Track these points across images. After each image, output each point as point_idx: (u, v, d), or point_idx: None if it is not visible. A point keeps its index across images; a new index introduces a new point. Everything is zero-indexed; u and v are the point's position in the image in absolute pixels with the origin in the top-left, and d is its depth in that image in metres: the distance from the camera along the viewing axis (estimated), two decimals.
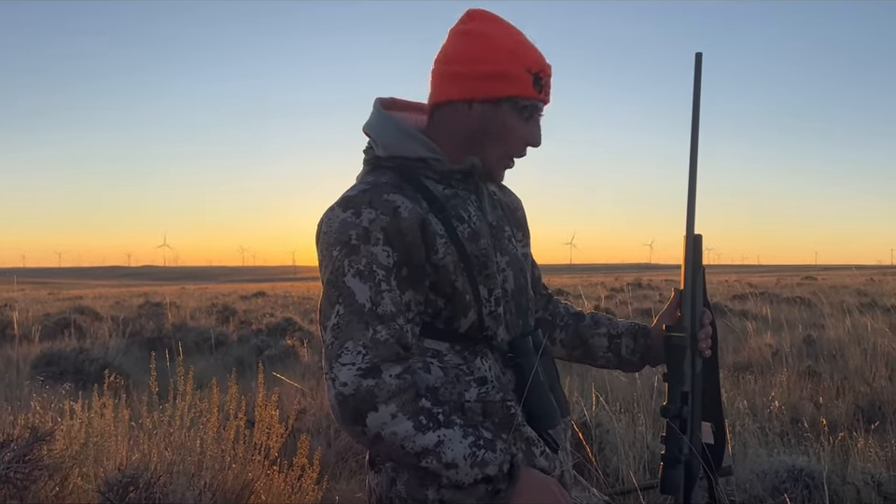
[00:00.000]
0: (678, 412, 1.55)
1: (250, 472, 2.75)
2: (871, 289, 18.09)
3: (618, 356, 1.73)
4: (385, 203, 1.39)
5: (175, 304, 15.88)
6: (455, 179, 1.51)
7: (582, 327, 1.77)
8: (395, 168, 1.48)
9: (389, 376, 1.32)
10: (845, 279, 30.00)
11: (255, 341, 9.05)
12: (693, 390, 1.57)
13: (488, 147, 1.49)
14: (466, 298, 1.44)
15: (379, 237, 1.37)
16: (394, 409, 1.31)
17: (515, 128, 1.48)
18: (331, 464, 3.90)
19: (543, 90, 1.48)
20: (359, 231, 1.36)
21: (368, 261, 1.36)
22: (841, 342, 6.96)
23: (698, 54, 1.59)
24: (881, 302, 11.60)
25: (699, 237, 1.61)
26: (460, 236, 1.45)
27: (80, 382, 6.15)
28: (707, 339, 1.61)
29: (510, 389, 1.50)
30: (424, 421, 1.32)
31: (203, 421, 2.80)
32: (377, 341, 1.33)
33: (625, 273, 73.36)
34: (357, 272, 1.36)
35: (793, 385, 5.30)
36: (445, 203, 1.47)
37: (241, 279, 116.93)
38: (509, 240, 1.59)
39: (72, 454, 2.55)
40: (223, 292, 29.07)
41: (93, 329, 10.48)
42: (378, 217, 1.37)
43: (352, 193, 1.43)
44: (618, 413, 4.08)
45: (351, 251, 1.36)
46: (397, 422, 1.31)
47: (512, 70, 1.45)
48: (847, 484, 3.20)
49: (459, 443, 1.32)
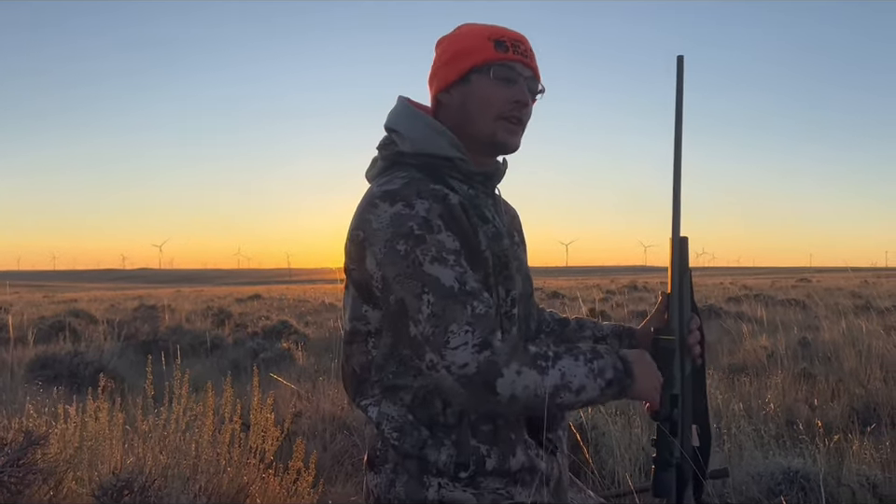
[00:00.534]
0: (668, 415, 1.54)
1: (245, 476, 2.74)
2: (865, 291, 18.12)
3: None
4: (433, 192, 1.39)
5: (170, 307, 15.84)
6: (478, 181, 1.52)
7: (568, 331, 1.77)
8: (419, 166, 1.47)
9: (499, 342, 1.33)
10: (839, 281, 30.07)
11: (250, 344, 9.04)
12: (684, 393, 1.57)
13: (478, 122, 1.49)
14: (491, 294, 1.44)
15: (440, 224, 1.36)
16: (516, 366, 1.32)
17: (493, 93, 1.47)
18: (327, 467, 3.89)
19: (510, 49, 1.48)
20: (419, 221, 1.35)
21: (437, 248, 1.35)
22: (836, 344, 6.97)
23: (679, 57, 1.59)
24: (876, 304, 11.62)
25: (685, 239, 1.60)
26: (482, 235, 1.45)
27: (75, 385, 6.13)
28: (696, 344, 1.60)
29: None
30: (542, 364, 1.34)
31: (198, 424, 2.79)
32: (478, 315, 1.32)
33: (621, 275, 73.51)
34: (434, 258, 1.34)
35: (788, 387, 5.31)
36: (470, 202, 1.46)
37: (236, 282, 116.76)
38: (518, 245, 1.60)
39: (66, 457, 2.54)
40: (218, 295, 29.01)
41: (88, 333, 10.45)
42: (432, 206, 1.37)
43: (393, 187, 1.40)
44: (614, 416, 4.08)
45: (418, 241, 1.34)
46: (524, 377, 1.32)
47: (471, 43, 1.49)
48: (843, 486, 3.21)
49: (578, 367, 1.36)
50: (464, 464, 1.41)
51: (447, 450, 1.41)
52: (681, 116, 1.57)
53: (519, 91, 1.49)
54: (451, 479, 1.40)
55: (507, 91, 1.48)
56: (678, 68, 1.58)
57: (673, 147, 1.58)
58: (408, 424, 1.42)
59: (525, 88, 1.50)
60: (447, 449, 1.41)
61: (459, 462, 1.40)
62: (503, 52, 1.47)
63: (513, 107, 1.49)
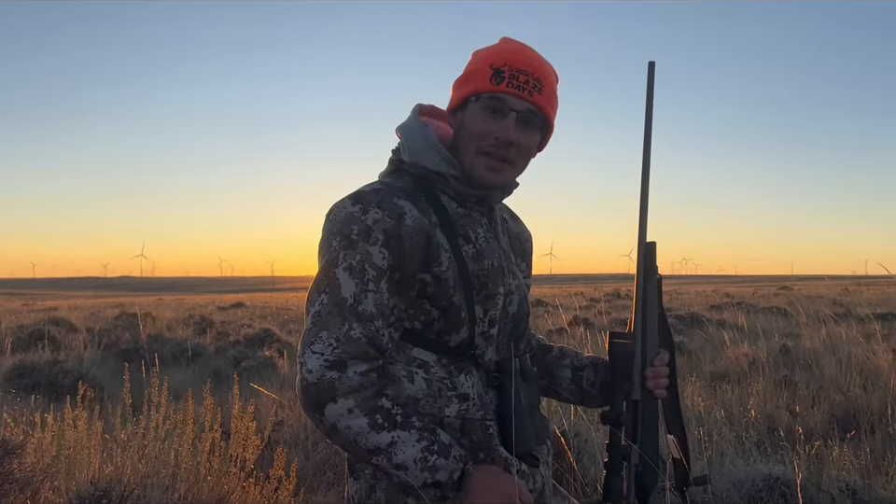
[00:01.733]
0: (616, 419, 1.53)
1: (226, 484, 2.72)
2: (846, 299, 18.28)
3: (580, 388, 1.71)
4: (393, 207, 1.40)
5: (151, 315, 15.70)
6: (471, 200, 1.52)
7: (549, 358, 1.77)
8: (415, 175, 1.50)
9: (354, 372, 1.33)
10: (820, 289, 30.32)
11: (232, 352, 8.98)
12: (644, 399, 1.54)
13: (464, 152, 1.49)
14: (461, 314, 1.45)
15: (379, 237, 1.38)
16: (352, 404, 1.32)
17: (480, 125, 1.46)
18: (309, 476, 3.86)
19: (504, 81, 1.44)
20: (361, 227, 1.38)
21: (362, 258, 1.37)
22: (816, 351, 7.02)
23: (651, 62, 1.60)
24: (855, 312, 11.72)
25: (652, 244, 1.59)
26: (464, 255, 1.46)
27: (54, 394, 6.04)
28: (655, 378, 1.55)
29: (490, 409, 1.49)
30: (380, 420, 1.32)
31: (178, 433, 2.77)
32: (350, 337, 1.34)
33: (605, 283, 73.83)
34: (349, 266, 1.37)
35: (770, 395, 5.34)
36: (455, 220, 1.48)
37: (219, 290, 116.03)
38: (516, 266, 1.61)
39: (43, 467, 2.51)
40: (201, 303, 28.81)
41: (68, 341, 10.33)
42: (383, 219, 1.38)
43: (365, 189, 1.44)
44: (596, 423, 4.09)
45: (349, 245, 1.37)
46: (353, 417, 1.32)
47: (475, 69, 1.48)
48: (822, 492, 3.23)
49: (412, 447, 1.32)
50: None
51: None
52: (651, 120, 1.57)
53: (504, 127, 1.44)
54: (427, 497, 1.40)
55: (491, 125, 1.46)
56: (648, 74, 1.59)
57: (642, 152, 1.58)
58: None
59: (512, 124, 1.44)
60: None
61: None
62: (496, 83, 1.45)
63: (494, 144, 1.45)
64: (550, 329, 10.14)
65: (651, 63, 1.60)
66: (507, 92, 1.44)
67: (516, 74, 1.45)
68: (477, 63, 1.49)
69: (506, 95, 1.45)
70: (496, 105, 1.45)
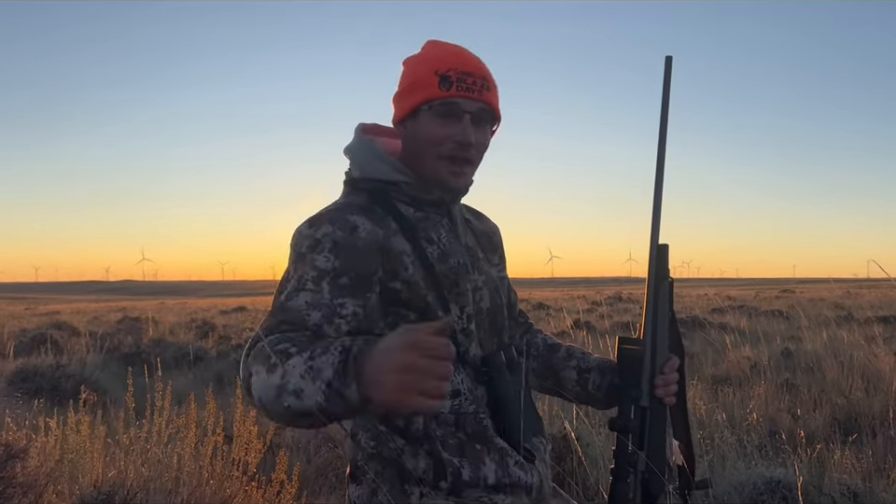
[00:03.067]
0: (624, 425, 1.52)
1: (228, 488, 2.73)
2: (848, 302, 18.28)
3: (585, 390, 1.70)
4: (344, 222, 1.41)
5: (153, 319, 15.72)
6: (427, 204, 1.54)
7: (555, 358, 1.76)
8: (369, 190, 1.52)
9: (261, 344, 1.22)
10: (822, 292, 30.30)
11: (234, 356, 8.97)
12: (653, 405, 1.53)
13: (424, 158, 1.51)
14: (438, 313, 1.47)
15: (326, 246, 1.38)
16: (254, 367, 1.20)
17: (436, 131, 1.48)
18: (311, 480, 3.87)
19: (453, 86, 1.46)
20: (311, 242, 1.39)
21: (308, 268, 1.37)
22: (818, 354, 7.01)
23: (668, 57, 1.58)
24: (857, 315, 11.72)
25: (664, 246, 1.57)
26: (430, 257, 1.49)
27: (57, 398, 6.05)
28: (665, 386, 1.54)
29: (482, 403, 1.51)
30: (273, 360, 1.18)
31: (180, 437, 2.78)
32: (271, 326, 1.27)
33: (607, 286, 73.72)
34: (298, 277, 1.36)
35: (771, 398, 5.34)
36: (416, 225, 1.51)
37: (221, 294, 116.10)
38: (483, 261, 1.63)
39: (46, 471, 2.52)
40: (203, 307, 28.84)
41: (70, 345, 10.34)
42: (333, 232, 1.39)
43: (321, 212, 1.46)
44: (598, 428, 4.09)
45: (298, 260, 1.39)
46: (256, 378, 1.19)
47: (419, 78, 1.49)
48: (824, 496, 3.23)
49: (298, 366, 1.15)
50: (442, 473, 1.42)
51: (424, 459, 1.43)
52: (667, 118, 1.56)
53: (461, 130, 1.48)
54: (431, 487, 1.42)
55: (448, 130, 1.48)
56: (665, 69, 1.57)
57: (657, 149, 1.56)
58: (382, 434, 1.45)
59: (468, 126, 1.48)
60: (423, 458, 1.43)
61: (437, 472, 1.42)
62: (446, 90, 1.47)
63: (454, 147, 1.49)
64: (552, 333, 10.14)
65: (668, 57, 1.58)
66: (458, 97, 1.47)
67: (463, 77, 1.48)
68: (419, 72, 1.49)
69: (457, 99, 1.47)
70: (448, 109, 1.47)
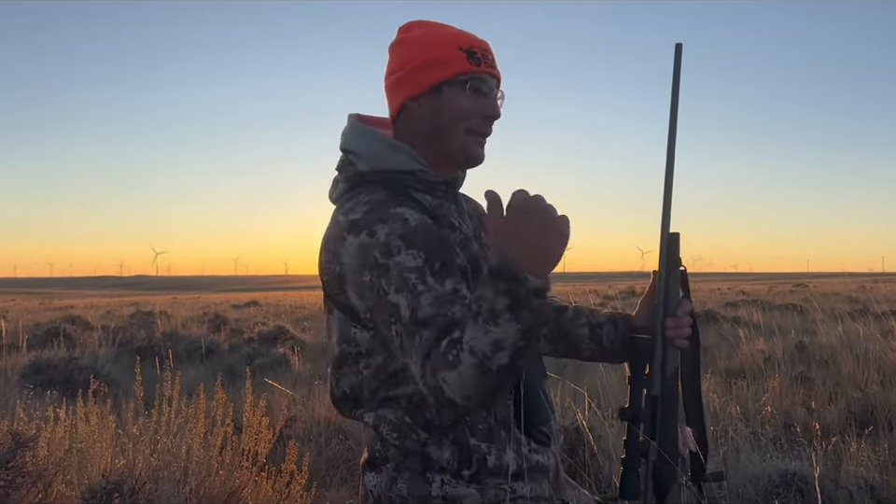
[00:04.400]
0: (634, 415, 1.51)
1: (237, 479, 2.71)
2: (863, 296, 18.13)
3: (600, 345, 1.70)
4: (394, 216, 1.36)
5: (165, 313, 15.81)
6: (441, 190, 1.52)
7: (564, 319, 1.74)
8: (381, 182, 1.46)
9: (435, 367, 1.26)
10: (836, 286, 30.11)
11: (246, 349, 9.01)
12: (664, 394, 1.52)
13: (450, 135, 1.48)
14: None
15: (400, 244, 1.33)
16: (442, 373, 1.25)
17: (466, 106, 1.47)
18: (322, 471, 3.86)
19: (482, 62, 1.48)
20: (380, 248, 1.33)
21: (399, 272, 1.32)
22: (833, 348, 6.96)
23: (678, 45, 1.57)
24: (873, 309, 11.60)
25: (675, 235, 1.58)
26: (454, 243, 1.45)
27: (69, 391, 6.08)
28: (676, 328, 1.54)
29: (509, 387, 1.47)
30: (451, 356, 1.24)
31: (189, 427, 2.77)
32: (429, 343, 1.27)
33: (619, 280, 73.60)
34: (396, 287, 1.31)
35: (786, 391, 5.29)
36: (437, 213, 1.47)
37: (233, 289, 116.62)
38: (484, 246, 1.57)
39: (55, 460, 2.52)
40: (215, 301, 28.98)
41: (83, 339, 10.40)
42: (393, 229, 1.34)
43: (357, 216, 1.39)
44: (610, 419, 4.06)
45: (382, 271, 1.33)
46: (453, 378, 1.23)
47: (443, 54, 1.47)
48: (840, 489, 3.19)
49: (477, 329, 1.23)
50: (466, 462, 1.40)
51: (448, 448, 1.41)
52: (677, 106, 1.55)
53: (492, 105, 1.50)
54: (454, 475, 1.41)
55: (480, 105, 1.49)
56: (675, 56, 1.56)
57: (667, 136, 1.55)
58: (405, 426, 1.43)
59: (496, 101, 1.52)
60: (448, 447, 1.41)
61: (462, 460, 1.40)
62: (476, 65, 1.48)
63: (484, 122, 1.50)
64: None
65: (678, 45, 1.57)
66: (486, 72, 1.49)
67: (485, 53, 1.50)
68: (439, 49, 1.47)
69: (486, 76, 1.49)
70: (479, 84, 1.48)
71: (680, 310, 1.56)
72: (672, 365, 1.54)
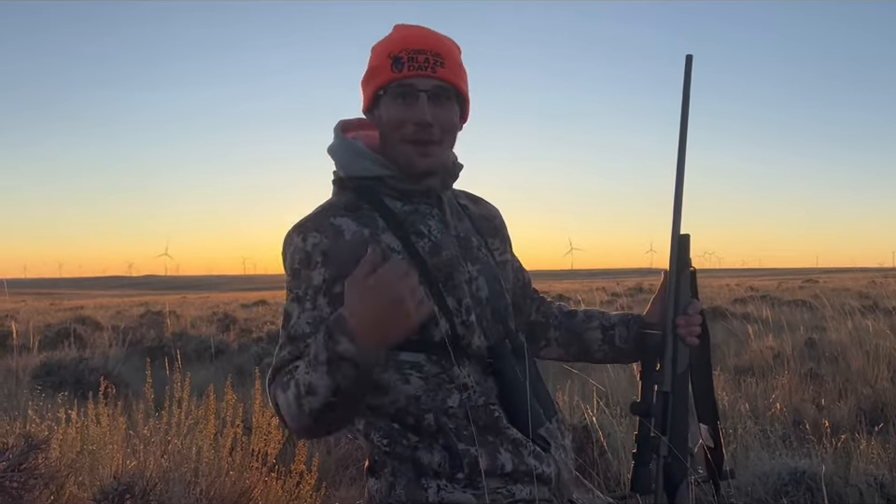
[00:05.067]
0: (645, 409, 1.54)
1: (247, 479, 2.73)
2: (873, 292, 18.03)
3: (613, 346, 1.71)
4: (330, 227, 1.43)
5: (175, 313, 15.85)
6: (416, 195, 1.51)
7: (575, 322, 1.75)
8: (356, 188, 1.51)
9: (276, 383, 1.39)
10: (846, 282, 29.97)
11: (255, 348, 9.03)
12: (675, 390, 1.56)
13: (391, 145, 1.49)
14: (433, 308, 1.43)
15: (318, 260, 1.41)
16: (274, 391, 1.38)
17: (395, 115, 1.46)
18: (331, 471, 3.87)
19: (405, 66, 1.44)
20: (303, 256, 1.41)
21: (305, 286, 1.41)
22: (843, 344, 6.92)
23: (688, 56, 1.61)
24: (883, 305, 11.55)
25: (686, 236, 1.61)
26: (420, 251, 1.46)
27: (80, 391, 6.11)
28: (687, 325, 1.59)
29: (493, 394, 1.48)
30: (285, 379, 1.35)
31: (199, 428, 2.79)
32: (280, 359, 1.39)
33: (627, 277, 73.33)
34: (295, 297, 1.42)
35: (795, 388, 5.27)
36: (404, 219, 1.48)
37: (242, 288, 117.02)
38: (478, 249, 1.58)
39: (67, 462, 2.54)
40: (224, 301, 29.06)
41: (94, 339, 10.45)
42: (321, 241, 1.41)
43: (307, 217, 1.48)
44: (619, 418, 4.06)
45: (294, 276, 1.43)
46: (280, 399, 1.35)
47: (376, 63, 1.49)
48: (850, 486, 3.18)
49: (302, 368, 1.32)
50: (458, 466, 1.41)
51: (439, 452, 1.42)
52: (687, 114, 1.59)
53: (418, 110, 1.44)
54: (449, 480, 1.41)
55: (405, 112, 1.45)
56: (685, 67, 1.60)
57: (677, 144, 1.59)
58: (395, 431, 1.45)
59: (425, 105, 1.44)
60: (439, 451, 1.42)
61: (454, 464, 1.41)
62: (398, 71, 1.44)
63: (415, 130, 1.45)
64: None
65: (688, 56, 1.61)
66: (410, 76, 1.44)
67: (414, 55, 1.44)
68: (376, 58, 1.49)
69: (410, 79, 1.44)
70: (402, 90, 1.45)
71: (692, 308, 1.59)
72: (683, 362, 1.57)
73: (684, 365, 1.57)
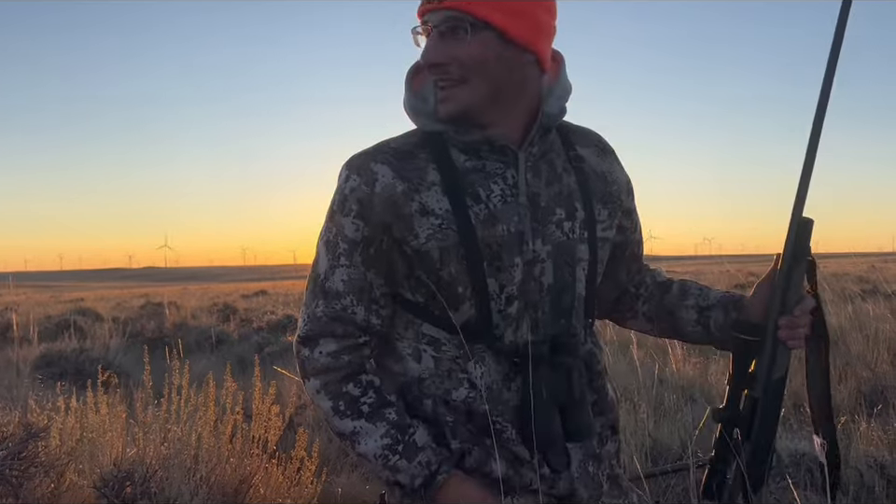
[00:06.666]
0: (728, 417, 1.40)
1: (248, 466, 2.73)
2: (872, 276, 17.98)
3: (707, 330, 1.50)
4: (368, 172, 1.32)
5: (175, 304, 15.86)
6: (484, 149, 1.31)
7: (668, 297, 1.55)
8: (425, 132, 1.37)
9: (320, 352, 1.34)
10: (846, 266, 29.91)
11: (256, 338, 9.04)
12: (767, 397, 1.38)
13: None
14: (457, 290, 1.29)
15: (353, 208, 1.32)
16: (318, 385, 1.34)
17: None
18: (332, 458, 3.87)
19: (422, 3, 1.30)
20: (341, 198, 1.34)
21: (336, 231, 1.34)
22: (843, 328, 6.92)
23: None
24: (883, 289, 11.51)
25: (808, 221, 1.37)
26: (472, 218, 1.28)
27: (80, 382, 6.11)
28: (790, 328, 1.38)
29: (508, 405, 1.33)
30: (342, 407, 1.32)
31: (199, 415, 2.79)
32: (314, 315, 1.34)
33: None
34: (327, 240, 1.35)
35: (795, 371, 5.27)
36: (463, 177, 1.30)
37: (242, 278, 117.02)
38: (559, 224, 1.34)
39: (67, 450, 2.54)
40: (224, 291, 29.06)
41: (94, 330, 10.45)
42: (359, 187, 1.32)
43: (361, 152, 1.36)
44: (619, 401, 4.06)
45: (331, 216, 1.36)
46: (320, 398, 1.34)
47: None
48: (850, 468, 3.19)
49: (374, 441, 1.30)
50: None
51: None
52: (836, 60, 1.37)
53: (425, 51, 1.31)
54: None
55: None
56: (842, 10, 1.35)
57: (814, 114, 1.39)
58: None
59: (430, 43, 1.29)
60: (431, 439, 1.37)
61: None
62: (419, 8, 1.31)
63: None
64: None
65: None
66: (424, 12, 1.30)
67: None
68: None
69: (425, 16, 1.30)
70: (424, 31, 1.31)
71: (799, 309, 1.39)
72: (781, 368, 1.40)
73: (782, 370, 1.40)
